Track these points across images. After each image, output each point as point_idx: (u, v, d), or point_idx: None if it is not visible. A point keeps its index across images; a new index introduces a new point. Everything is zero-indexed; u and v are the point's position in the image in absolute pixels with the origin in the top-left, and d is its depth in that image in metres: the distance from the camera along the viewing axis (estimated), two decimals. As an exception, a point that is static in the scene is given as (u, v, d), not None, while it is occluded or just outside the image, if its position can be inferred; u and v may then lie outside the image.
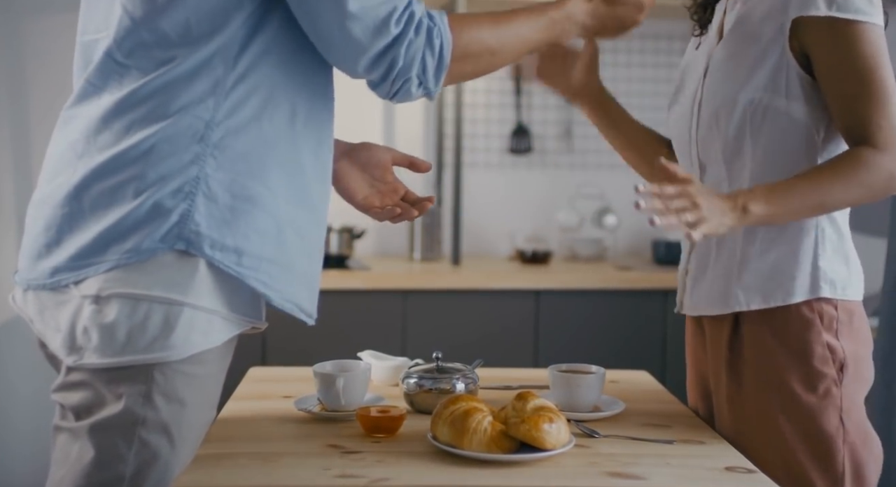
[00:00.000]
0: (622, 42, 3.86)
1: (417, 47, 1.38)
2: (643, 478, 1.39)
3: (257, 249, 1.39)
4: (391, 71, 1.38)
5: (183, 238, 1.34)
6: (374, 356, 1.98)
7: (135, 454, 1.33)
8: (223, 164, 1.36)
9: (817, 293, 1.57)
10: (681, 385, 1.89)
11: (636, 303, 3.31)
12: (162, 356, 1.33)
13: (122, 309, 1.32)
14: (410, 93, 1.42)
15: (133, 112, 1.36)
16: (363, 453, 1.48)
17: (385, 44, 1.36)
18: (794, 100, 1.55)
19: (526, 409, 1.48)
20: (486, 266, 3.51)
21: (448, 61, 1.42)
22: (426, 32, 1.39)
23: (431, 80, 1.42)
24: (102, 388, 1.33)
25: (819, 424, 1.54)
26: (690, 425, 1.68)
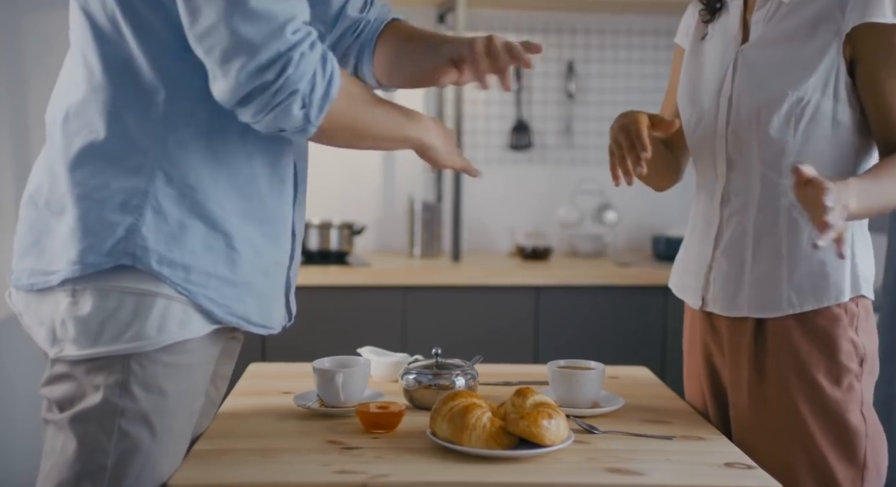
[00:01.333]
0: (622, 37, 3.86)
1: (310, 64, 1.28)
2: (643, 474, 1.39)
3: (207, 266, 1.36)
4: (279, 78, 1.26)
5: (129, 253, 1.32)
6: (373, 352, 1.98)
7: (115, 444, 1.32)
8: (173, 178, 1.34)
9: (858, 291, 1.59)
10: (681, 381, 1.89)
11: (636, 299, 3.31)
12: (135, 346, 1.32)
13: (95, 301, 1.32)
14: (290, 112, 1.29)
15: (81, 119, 1.35)
16: (362, 449, 1.48)
17: (277, 51, 1.26)
18: (842, 104, 1.56)
19: (525, 405, 1.48)
20: (486, 262, 3.51)
21: (335, 94, 1.31)
22: (321, 55, 1.31)
23: (315, 106, 1.30)
24: (83, 379, 1.33)
25: (844, 418, 1.55)
26: (690, 421, 1.68)
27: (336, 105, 1.33)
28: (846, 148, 1.58)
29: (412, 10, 3.77)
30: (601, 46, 3.87)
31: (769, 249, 1.61)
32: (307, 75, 1.28)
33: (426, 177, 3.83)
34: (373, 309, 3.22)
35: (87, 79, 1.36)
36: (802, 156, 1.58)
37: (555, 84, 3.87)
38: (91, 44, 1.36)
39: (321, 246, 3.42)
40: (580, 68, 3.86)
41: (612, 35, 3.87)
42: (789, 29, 1.60)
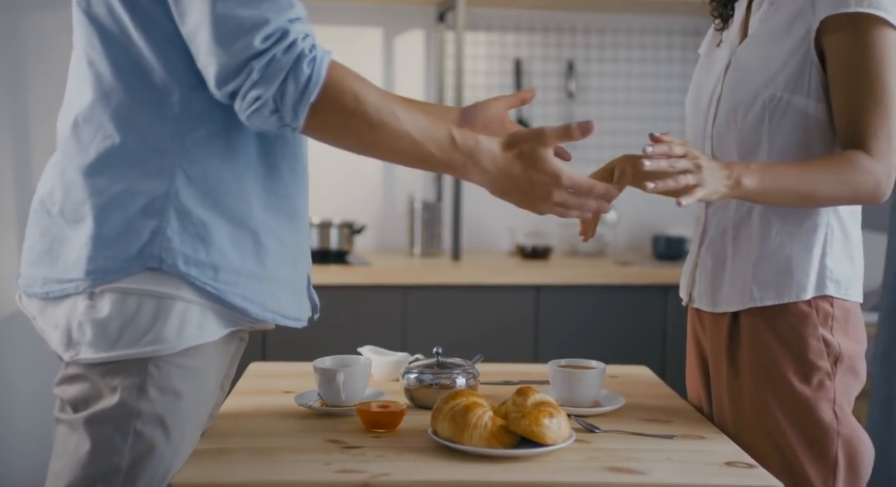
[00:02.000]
0: (622, 36, 3.86)
1: (281, 68, 1.26)
2: (643, 473, 1.39)
3: (235, 263, 1.36)
4: (244, 84, 1.26)
5: (155, 256, 1.32)
6: (374, 351, 1.98)
7: (130, 446, 1.33)
8: (193, 178, 1.34)
9: (823, 290, 1.58)
10: (681, 380, 1.89)
11: (636, 299, 3.31)
12: (154, 349, 1.32)
13: (114, 304, 1.32)
14: (263, 116, 1.28)
15: (92, 124, 1.35)
16: (363, 448, 1.48)
17: (244, 57, 1.25)
18: (814, 100, 1.56)
19: (526, 404, 1.48)
20: (486, 261, 3.51)
21: (313, 97, 1.27)
22: (297, 57, 1.27)
23: (289, 111, 1.27)
24: (98, 381, 1.33)
25: (813, 415, 1.56)
26: (691, 420, 1.68)
27: (320, 111, 1.29)
28: (820, 143, 1.58)
29: (412, 10, 3.78)
30: (601, 45, 3.87)
31: (745, 245, 1.64)
32: (275, 82, 1.26)
33: (426, 176, 3.83)
34: (373, 309, 3.22)
35: (95, 83, 1.35)
36: (775, 152, 1.59)
37: (555, 83, 3.87)
38: (98, 47, 1.35)
39: (321, 245, 3.42)
40: (580, 67, 3.86)
41: (612, 34, 3.87)
42: (771, 28, 1.62)
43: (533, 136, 1.38)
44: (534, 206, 1.41)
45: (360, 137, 1.32)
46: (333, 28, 3.74)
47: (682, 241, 3.60)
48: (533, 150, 1.37)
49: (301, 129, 1.30)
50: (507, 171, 1.37)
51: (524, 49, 3.84)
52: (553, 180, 1.38)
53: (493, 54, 3.84)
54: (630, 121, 3.86)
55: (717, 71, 1.71)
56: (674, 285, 3.25)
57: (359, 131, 1.31)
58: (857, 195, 1.53)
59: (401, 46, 3.80)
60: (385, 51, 3.79)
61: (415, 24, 3.80)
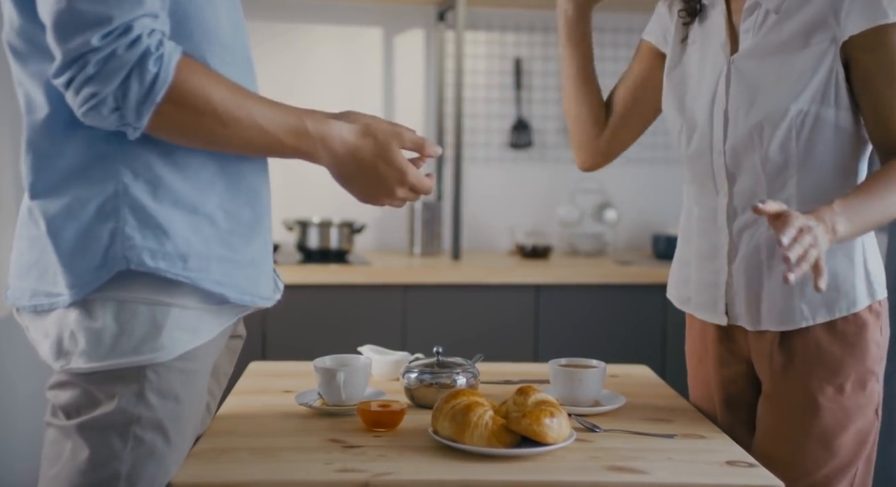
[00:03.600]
0: (622, 35, 3.86)
1: (122, 64, 1.20)
2: (644, 472, 1.39)
3: (202, 250, 1.33)
4: (77, 77, 1.21)
5: (120, 257, 1.28)
6: (374, 350, 1.98)
7: (130, 451, 1.31)
8: (139, 173, 1.30)
9: (874, 297, 1.59)
10: (681, 379, 1.89)
11: (636, 298, 3.31)
12: (150, 358, 1.31)
13: (108, 312, 1.29)
14: (101, 114, 1.22)
15: (35, 141, 1.33)
16: (364, 447, 1.48)
17: (79, 52, 1.20)
18: (844, 110, 1.55)
19: (527, 404, 1.48)
20: (486, 261, 3.51)
21: (159, 97, 1.22)
22: (142, 54, 1.21)
23: (132, 111, 1.22)
24: (93, 389, 1.31)
25: (860, 421, 1.56)
26: (691, 419, 1.68)
27: (167, 109, 1.24)
28: (850, 153, 1.57)
29: (412, 9, 3.77)
30: (601, 45, 3.87)
31: (780, 263, 1.59)
32: (116, 79, 1.20)
33: (426, 175, 3.82)
34: (373, 308, 3.22)
35: (27, 105, 1.33)
36: (806, 166, 1.56)
37: (555, 82, 3.87)
38: (20, 71, 1.33)
39: (321, 244, 3.42)
40: (580, 67, 3.86)
41: (611, 33, 3.87)
42: (782, 38, 1.57)
43: (390, 130, 1.39)
44: (374, 198, 1.42)
45: (210, 134, 1.29)
46: (333, 27, 3.74)
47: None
48: (387, 142, 1.38)
49: (145, 130, 1.25)
50: (355, 156, 1.37)
51: (524, 48, 3.84)
52: (400, 176, 1.39)
53: (493, 54, 3.84)
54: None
55: (707, 77, 1.65)
56: (674, 284, 3.24)
57: (210, 128, 1.28)
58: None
59: (401, 46, 3.80)
60: (385, 50, 3.79)
61: (415, 23, 3.80)
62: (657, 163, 3.92)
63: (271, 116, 1.32)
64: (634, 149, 2.35)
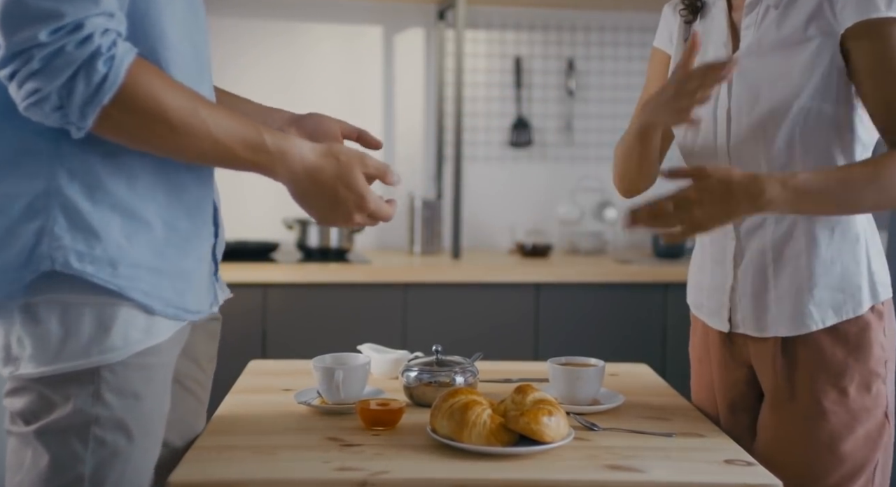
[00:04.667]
0: (622, 34, 3.86)
1: (69, 62, 1.15)
2: (643, 471, 1.39)
3: (134, 257, 1.27)
4: (20, 70, 1.15)
5: (46, 256, 1.22)
6: (373, 349, 1.98)
7: (91, 453, 1.27)
8: (76, 172, 1.24)
9: (877, 298, 1.57)
10: (681, 378, 1.89)
11: (636, 297, 3.31)
12: (101, 359, 1.26)
13: (53, 316, 1.25)
14: (43, 111, 1.17)
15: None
16: (363, 446, 1.48)
17: (25, 46, 1.14)
18: (843, 104, 1.53)
19: (525, 402, 1.48)
20: (486, 259, 3.51)
21: (106, 99, 1.17)
22: (92, 53, 1.16)
23: (76, 111, 1.17)
24: (48, 392, 1.26)
25: (868, 425, 1.55)
26: (690, 418, 1.68)
27: (115, 113, 1.19)
28: (848, 145, 1.55)
29: (412, 8, 3.77)
30: (601, 43, 3.87)
31: (790, 265, 1.58)
32: (62, 77, 1.16)
33: (426, 174, 3.82)
34: (373, 307, 3.22)
35: None
36: (809, 164, 1.55)
37: (555, 81, 3.87)
38: None
39: (321, 243, 3.42)
40: (580, 65, 3.86)
41: (612, 32, 3.87)
42: (783, 34, 1.56)
43: (354, 154, 1.36)
44: (331, 220, 1.38)
45: (160, 140, 1.24)
46: (333, 26, 3.74)
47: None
48: (349, 165, 1.35)
49: (89, 130, 1.20)
50: (314, 176, 1.34)
51: (524, 47, 3.84)
52: (358, 200, 1.36)
53: (493, 52, 3.83)
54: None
55: None
56: (674, 283, 3.25)
57: (160, 134, 1.23)
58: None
59: (401, 44, 3.80)
60: (385, 49, 3.78)
61: (415, 22, 3.80)
62: (657, 161, 3.91)
63: (227, 127, 1.27)
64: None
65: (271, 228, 3.58)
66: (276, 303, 3.15)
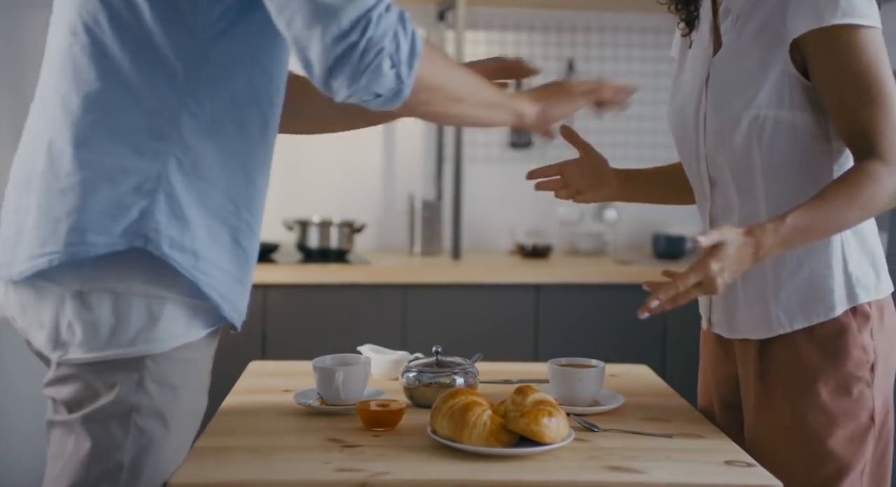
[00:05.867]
0: (622, 35, 3.86)
1: (389, 22, 1.26)
2: (643, 472, 1.39)
3: (213, 256, 1.36)
4: (362, 38, 1.23)
5: (142, 235, 1.30)
6: (373, 350, 1.98)
7: (132, 441, 1.32)
8: (185, 165, 1.33)
9: (855, 301, 1.55)
10: (681, 379, 1.89)
11: (636, 298, 3.26)
12: (146, 349, 1.32)
13: (105, 304, 1.31)
14: (381, 71, 1.25)
15: (95, 99, 1.32)
16: (363, 447, 1.48)
17: (358, 11, 1.23)
18: (800, 111, 1.52)
19: (525, 403, 1.48)
20: (486, 260, 3.51)
21: (420, 50, 1.29)
22: (399, 14, 1.28)
23: (405, 64, 1.27)
24: (93, 380, 1.32)
25: (850, 427, 1.54)
26: (690, 419, 1.68)
27: (424, 65, 1.30)
28: (816, 155, 1.55)
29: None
30: (601, 44, 3.87)
31: (758, 270, 1.58)
32: (389, 33, 1.26)
33: (426, 174, 3.83)
34: (373, 307, 3.22)
35: (99, 62, 1.32)
36: (771, 172, 1.56)
37: (555, 82, 3.86)
38: (106, 28, 1.32)
39: (321, 244, 3.42)
40: (580, 66, 3.86)
41: (612, 33, 3.87)
42: (741, 42, 1.58)
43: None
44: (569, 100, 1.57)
45: (455, 89, 1.38)
46: (333, 27, 3.73)
47: (682, 240, 3.59)
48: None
49: (408, 91, 1.29)
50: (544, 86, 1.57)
51: (524, 48, 3.84)
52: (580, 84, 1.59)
53: (493, 53, 3.83)
54: (630, 120, 3.85)
55: (697, 82, 1.65)
56: (674, 284, 3.24)
57: (456, 83, 1.38)
58: (883, 206, 1.49)
59: (401, 45, 3.79)
60: (385, 49, 3.78)
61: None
62: (657, 162, 3.90)
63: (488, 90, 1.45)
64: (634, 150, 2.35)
65: (271, 229, 3.58)
66: (276, 304, 3.15)
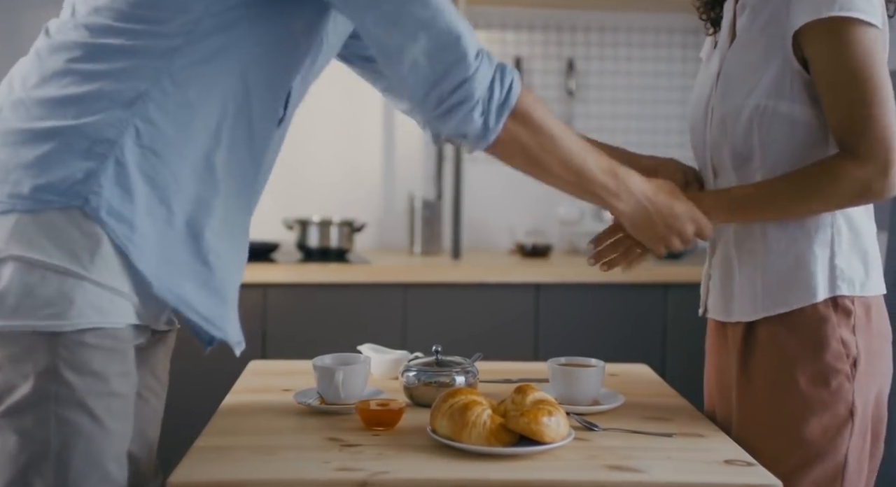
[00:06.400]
0: (623, 35, 3.86)
1: (486, 74, 1.39)
2: (643, 471, 1.39)
3: (147, 231, 1.34)
4: (458, 89, 1.38)
5: (82, 196, 1.30)
6: (373, 349, 1.98)
7: (54, 432, 1.29)
8: (143, 139, 1.33)
9: (835, 291, 1.57)
10: (681, 378, 1.89)
11: (636, 297, 3.31)
12: (51, 325, 1.28)
13: (16, 274, 1.28)
14: (472, 118, 1.39)
15: (74, 63, 1.35)
16: (363, 446, 1.48)
17: (461, 74, 1.37)
18: (800, 104, 1.55)
19: (525, 402, 1.48)
20: (486, 259, 3.51)
21: (514, 102, 1.41)
22: (499, 67, 1.40)
23: (494, 113, 1.40)
24: (10, 369, 1.28)
25: (825, 417, 1.55)
26: (690, 418, 1.68)
27: (515, 119, 1.41)
28: (812, 145, 1.57)
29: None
30: (601, 44, 3.87)
31: (748, 253, 1.63)
32: (484, 85, 1.38)
33: (426, 174, 3.82)
34: (373, 307, 3.22)
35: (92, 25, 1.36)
36: (768, 162, 1.58)
37: (555, 81, 3.87)
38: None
39: (321, 243, 3.42)
40: (580, 66, 3.86)
41: (612, 32, 3.87)
42: (751, 34, 1.61)
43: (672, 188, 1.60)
44: (659, 242, 1.59)
45: (544, 153, 1.46)
46: (333, 26, 3.73)
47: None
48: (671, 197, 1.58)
49: (494, 136, 1.41)
50: (653, 202, 1.56)
51: (524, 47, 3.84)
52: (690, 224, 1.58)
53: (494, 52, 3.82)
54: (630, 120, 3.86)
55: (711, 77, 1.70)
56: (674, 283, 3.25)
57: (544, 147, 1.45)
58: (843, 201, 1.53)
59: (401, 44, 3.79)
60: (385, 49, 3.78)
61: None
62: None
63: (586, 146, 1.50)
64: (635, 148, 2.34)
65: (271, 228, 3.58)
66: (276, 303, 3.15)
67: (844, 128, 1.51)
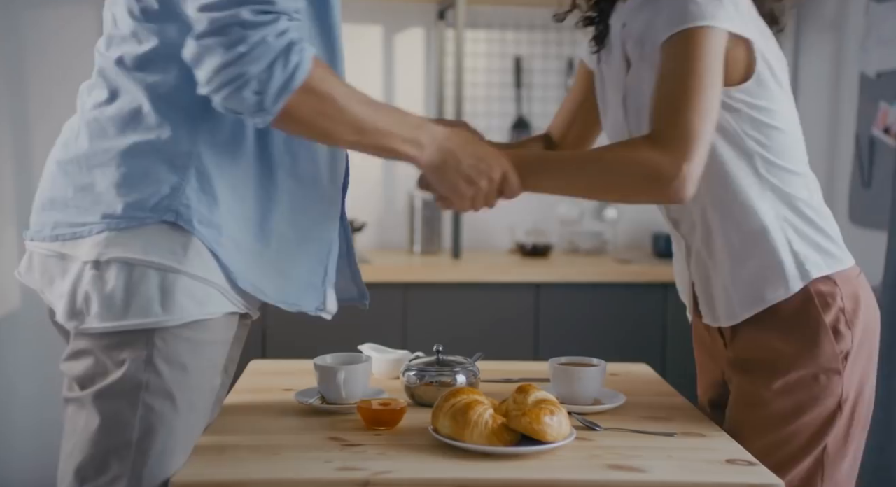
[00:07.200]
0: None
1: (270, 51, 1.26)
2: (644, 471, 1.39)
3: (234, 233, 1.39)
4: (231, 49, 1.25)
5: (172, 210, 1.34)
6: (374, 349, 1.98)
7: (140, 418, 1.34)
8: (213, 141, 1.37)
9: (808, 277, 1.57)
10: (681, 377, 1.90)
11: (636, 296, 3.31)
12: (158, 321, 1.33)
13: (120, 274, 1.33)
14: (241, 96, 1.27)
15: (135, 76, 1.37)
16: (364, 446, 1.48)
17: (228, 21, 1.25)
18: None
19: (527, 402, 1.48)
20: (486, 259, 3.51)
21: (296, 85, 1.28)
22: (288, 44, 1.27)
23: (272, 95, 1.27)
24: (104, 356, 1.34)
25: (815, 413, 1.56)
26: (691, 417, 1.68)
27: (297, 95, 1.29)
28: (731, 154, 1.57)
29: (412, 8, 3.77)
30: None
31: (719, 260, 1.63)
32: (264, 60, 1.26)
33: (426, 174, 3.82)
34: (373, 306, 3.20)
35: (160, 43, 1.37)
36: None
37: (555, 81, 3.87)
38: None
39: (321, 243, 3.42)
40: (580, 65, 3.86)
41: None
42: (643, 59, 1.61)
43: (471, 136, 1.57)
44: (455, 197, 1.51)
45: (330, 122, 1.35)
46: (333, 26, 3.74)
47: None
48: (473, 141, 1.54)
49: (274, 117, 1.30)
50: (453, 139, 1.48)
51: (524, 47, 3.84)
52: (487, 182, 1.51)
53: (493, 52, 3.84)
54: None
55: (619, 102, 1.69)
56: (674, 283, 3.24)
57: (330, 116, 1.34)
58: (633, 181, 1.49)
59: (401, 44, 3.80)
60: (385, 48, 3.79)
61: (415, 21, 3.80)
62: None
63: (384, 109, 1.40)
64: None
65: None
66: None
67: (656, 116, 1.50)
